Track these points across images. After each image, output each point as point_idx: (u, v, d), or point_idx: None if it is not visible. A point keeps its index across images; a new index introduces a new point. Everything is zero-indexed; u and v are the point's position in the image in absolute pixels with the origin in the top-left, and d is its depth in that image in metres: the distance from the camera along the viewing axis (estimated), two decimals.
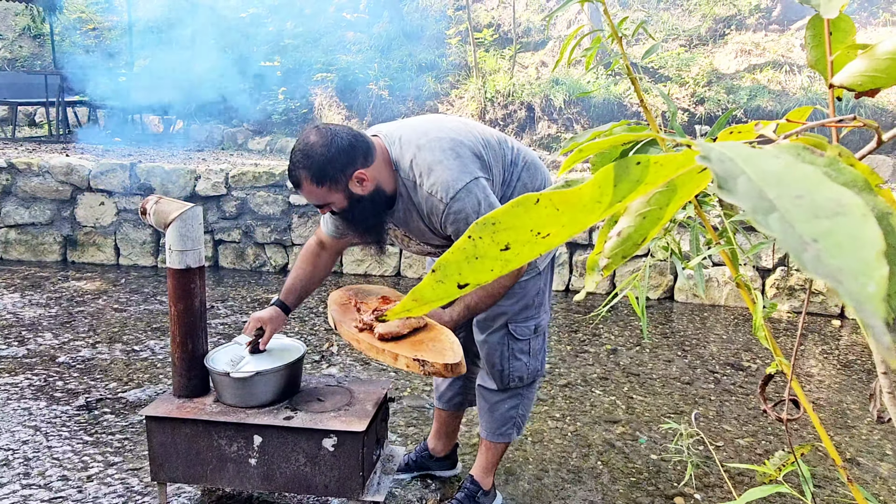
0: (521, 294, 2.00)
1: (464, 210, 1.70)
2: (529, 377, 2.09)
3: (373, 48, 7.79)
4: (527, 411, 2.17)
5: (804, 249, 0.21)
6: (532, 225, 0.33)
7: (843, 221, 0.21)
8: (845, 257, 0.20)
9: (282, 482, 1.98)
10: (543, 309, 2.07)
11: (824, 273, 0.20)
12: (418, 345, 1.72)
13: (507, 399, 2.10)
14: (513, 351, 2.04)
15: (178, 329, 2.05)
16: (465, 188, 1.70)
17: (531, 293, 2.01)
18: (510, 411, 2.11)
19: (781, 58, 6.94)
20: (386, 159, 1.78)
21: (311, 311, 4.26)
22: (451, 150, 1.74)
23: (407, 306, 0.38)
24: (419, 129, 1.81)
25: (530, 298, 2.01)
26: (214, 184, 5.14)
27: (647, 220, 0.37)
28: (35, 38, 9.47)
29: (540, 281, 2.03)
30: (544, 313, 2.08)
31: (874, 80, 0.45)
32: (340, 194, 1.73)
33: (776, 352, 0.60)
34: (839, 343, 4.03)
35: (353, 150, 1.70)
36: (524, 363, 2.06)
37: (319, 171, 1.67)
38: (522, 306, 2.01)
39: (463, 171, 1.72)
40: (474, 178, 1.72)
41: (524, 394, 2.12)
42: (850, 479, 0.54)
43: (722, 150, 0.26)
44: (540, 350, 2.09)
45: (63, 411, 2.81)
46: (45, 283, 4.64)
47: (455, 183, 1.69)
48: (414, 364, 1.63)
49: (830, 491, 2.39)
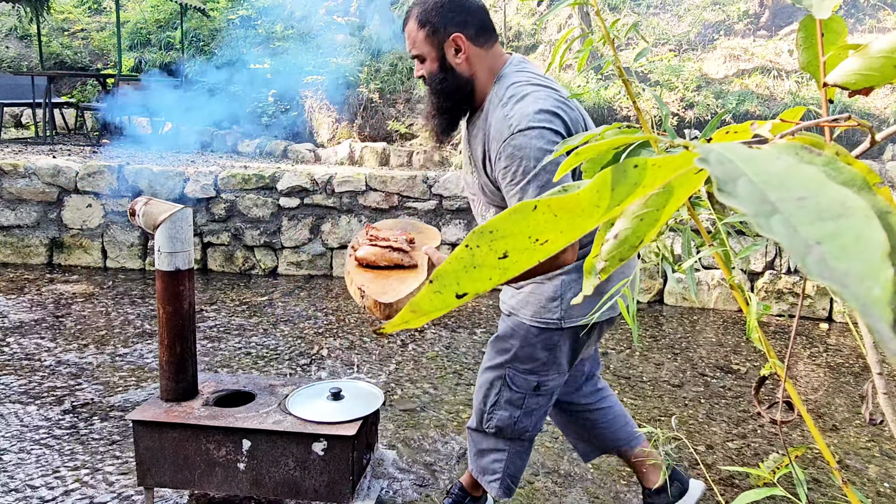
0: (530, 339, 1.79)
1: (525, 148, 1.52)
2: (513, 433, 1.87)
3: (363, 51, 7.79)
4: (516, 470, 1.93)
5: (808, 252, 0.20)
6: (530, 232, 0.33)
7: (847, 223, 0.21)
8: (850, 260, 0.20)
9: (271, 487, 1.96)
10: (557, 370, 1.82)
11: (829, 277, 0.19)
12: (384, 277, 1.61)
13: (492, 451, 1.91)
14: (501, 398, 1.85)
15: (167, 332, 2.03)
16: (540, 131, 1.53)
17: (541, 345, 1.78)
18: (493, 464, 1.92)
19: (769, 63, 7.00)
20: (493, 66, 1.69)
21: (300, 314, 4.24)
22: (556, 105, 1.58)
23: (405, 318, 0.37)
24: (545, 82, 1.67)
25: (539, 350, 1.78)
26: (203, 186, 5.11)
27: (644, 223, 0.37)
28: (22, 39, 9.39)
29: (560, 337, 1.78)
30: (556, 375, 1.82)
31: (868, 78, 0.45)
32: (434, 51, 1.65)
33: (770, 353, 0.59)
34: (827, 346, 4.06)
35: (468, 14, 1.64)
36: (510, 416, 1.85)
37: (427, 13, 1.64)
38: (528, 354, 1.79)
39: (550, 122, 1.55)
40: (556, 133, 1.54)
41: (508, 449, 1.90)
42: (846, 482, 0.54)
43: (721, 152, 0.26)
44: (537, 409, 1.85)
45: (48, 415, 2.77)
46: (30, 286, 4.59)
47: (534, 120, 1.53)
48: (357, 291, 1.54)
49: (819, 494, 2.41)
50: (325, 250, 5.15)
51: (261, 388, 2.17)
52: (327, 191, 5.09)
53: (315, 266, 5.15)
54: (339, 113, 7.20)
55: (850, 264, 0.20)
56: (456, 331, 4.02)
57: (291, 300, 4.52)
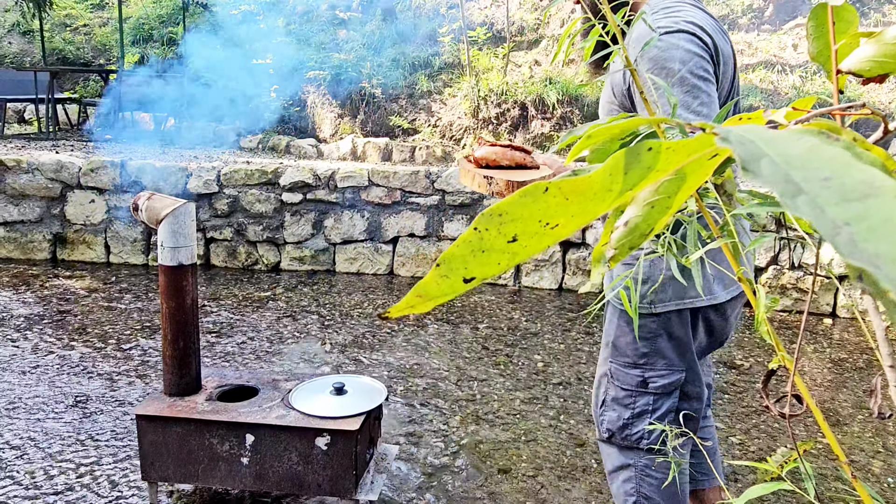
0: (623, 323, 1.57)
1: (672, 50, 1.36)
2: (626, 440, 1.63)
3: (365, 46, 7.77)
4: (654, 495, 1.63)
5: (837, 234, 0.20)
6: (540, 215, 0.32)
7: (874, 203, 0.20)
8: (879, 241, 0.19)
9: (274, 481, 1.96)
10: (667, 365, 1.57)
11: (860, 258, 0.19)
12: (508, 174, 1.51)
13: (619, 469, 1.67)
14: (608, 396, 1.65)
15: (170, 327, 2.03)
16: (689, 37, 1.38)
17: (630, 333, 1.57)
18: (624, 484, 1.66)
19: (774, 58, 6.97)
20: None
21: (303, 308, 4.24)
22: (712, 25, 1.46)
23: (410, 303, 0.36)
24: (701, 5, 1.55)
25: (634, 340, 1.58)
26: (206, 181, 5.11)
27: (656, 210, 0.36)
28: (24, 35, 9.38)
29: (657, 325, 1.56)
30: (667, 371, 1.58)
31: (883, 65, 0.44)
32: None
33: (779, 347, 0.59)
34: (831, 341, 4.05)
35: None
36: (618, 416, 1.62)
37: None
38: (625, 345, 1.60)
39: (696, 33, 1.40)
40: (703, 47, 1.40)
41: (633, 464, 1.64)
42: (854, 476, 0.53)
43: (741, 133, 0.25)
44: (651, 413, 1.59)
45: (52, 410, 2.78)
46: (34, 282, 4.60)
47: (682, 26, 1.39)
48: (482, 181, 1.46)
49: (823, 489, 2.40)
50: (328, 246, 5.14)
51: (264, 383, 2.17)
52: (330, 186, 5.08)
53: (318, 261, 5.15)
54: (342, 108, 7.19)
55: (880, 245, 0.19)
56: (459, 325, 4.01)
57: (294, 295, 4.52)
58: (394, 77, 7.25)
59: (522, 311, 4.36)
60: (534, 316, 4.27)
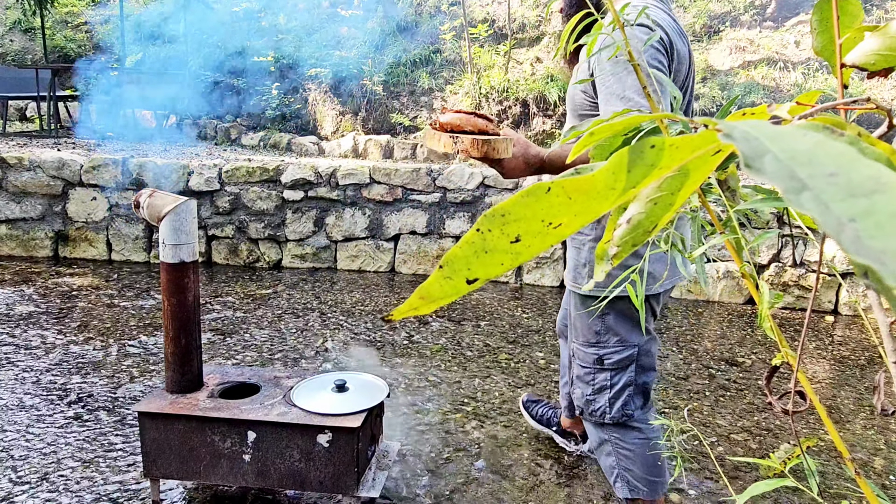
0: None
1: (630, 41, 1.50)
2: (592, 415, 1.77)
3: (367, 43, 7.76)
4: (633, 466, 1.77)
5: (842, 230, 0.19)
6: (543, 215, 0.32)
7: (881, 199, 0.20)
8: (886, 237, 0.19)
9: (276, 478, 1.96)
10: (620, 342, 1.70)
11: (866, 255, 0.19)
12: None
13: (600, 445, 1.82)
14: (573, 373, 1.78)
15: (172, 324, 2.03)
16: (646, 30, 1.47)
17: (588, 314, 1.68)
18: (607, 458, 1.81)
19: (776, 55, 6.95)
20: None
21: (305, 305, 4.24)
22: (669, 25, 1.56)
23: (414, 304, 0.36)
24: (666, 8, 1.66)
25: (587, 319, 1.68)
26: (207, 179, 5.11)
27: (659, 206, 0.36)
28: (26, 32, 9.38)
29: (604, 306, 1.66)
30: (624, 348, 1.70)
31: (888, 58, 0.44)
32: None
33: (782, 343, 0.59)
34: (833, 339, 4.04)
35: None
36: (581, 393, 1.77)
37: None
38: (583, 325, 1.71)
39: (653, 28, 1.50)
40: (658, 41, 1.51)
41: (609, 439, 1.78)
42: (858, 473, 0.53)
43: (745, 129, 0.25)
44: (609, 389, 1.72)
45: (54, 407, 2.78)
46: (36, 279, 4.60)
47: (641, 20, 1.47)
48: (447, 141, 1.54)
49: (825, 486, 2.40)
50: (330, 243, 5.14)
51: (266, 381, 2.17)
52: (331, 184, 5.08)
53: (319, 259, 5.15)
54: (343, 106, 7.19)
55: (887, 242, 0.19)
56: (460, 323, 4.01)
57: (296, 293, 4.53)
58: (395, 74, 7.25)
59: (524, 309, 4.36)
60: (535, 313, 4.27)
